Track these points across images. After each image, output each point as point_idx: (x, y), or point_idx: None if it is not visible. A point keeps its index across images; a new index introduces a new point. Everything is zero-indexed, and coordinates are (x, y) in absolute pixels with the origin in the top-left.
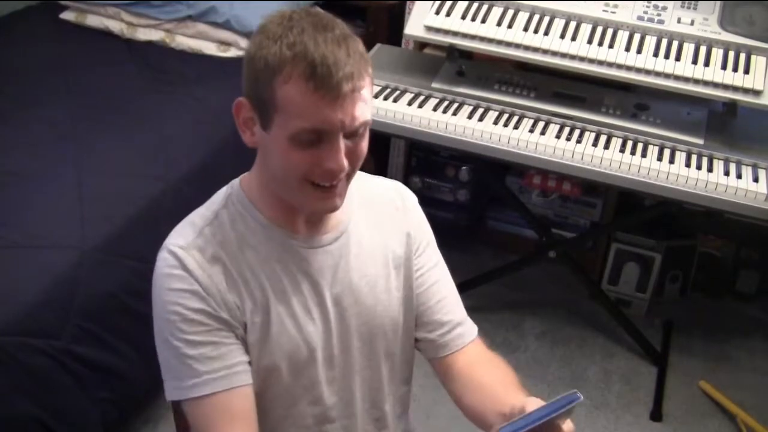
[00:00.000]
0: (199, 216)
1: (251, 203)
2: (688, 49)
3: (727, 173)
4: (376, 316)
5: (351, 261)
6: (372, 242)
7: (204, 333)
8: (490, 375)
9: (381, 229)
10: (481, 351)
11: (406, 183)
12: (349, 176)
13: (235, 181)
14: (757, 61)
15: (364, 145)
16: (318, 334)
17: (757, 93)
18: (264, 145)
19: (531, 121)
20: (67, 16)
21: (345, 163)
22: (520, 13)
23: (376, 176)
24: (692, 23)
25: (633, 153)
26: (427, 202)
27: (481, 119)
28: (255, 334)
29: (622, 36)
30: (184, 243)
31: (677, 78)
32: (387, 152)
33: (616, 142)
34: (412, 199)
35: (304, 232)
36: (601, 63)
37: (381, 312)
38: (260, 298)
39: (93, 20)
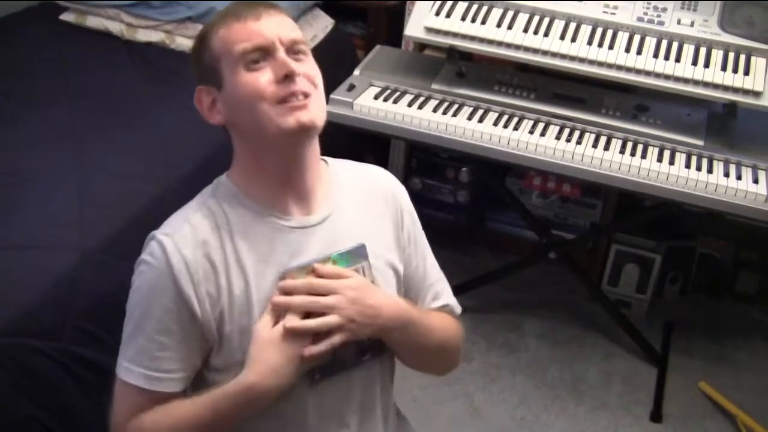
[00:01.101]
0: (188, 208)
1: (239, 191)
2: (688, 50)
3: (727, 174)
4: None
5: (340, 242)
6: (360, 225)
7: (159, 331)
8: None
9: (371, 212)
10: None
11: (406, 184)
12: (315, 96)
13: (221, 176)
14: (757, 62)
15: (313, 67)
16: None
17: (757, 94)
18: (228, 105)
19: (531, 123)
20: (66, 17)
21: (295, 67)
22: (520, 15)
23: (360, 164)
24: (692, 24)
25: (633, 154)
26: (427, 204)
27: (481, 120)
28: (233, 324)
29: (622, 37)
30: (170, 231)
31: (677, 79)
32: (387, 153)
33: (616, 144)
34: (401, 186)
35: (296, 212)
36: (600, 64)
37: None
38: (240, 284)
39: (93, 21)
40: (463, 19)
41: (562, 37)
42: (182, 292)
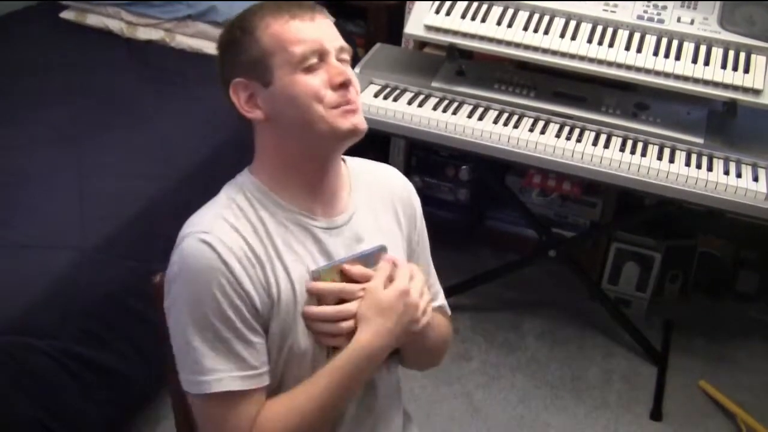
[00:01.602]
0: (214, 206)
1: (270, 190)
2: (688, 48)
3: (726, 172)
4: None
5: (361, 243)
6: (379, 225)
7: (232, 328)
8: None
9: (387, 212)
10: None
11: None
12: (356, 98)
13: (244, 173)
14: (757, 60)
15: (353, 73)
16: None
17: (757, 92)
18: (274, 102)
19: (531, 121)
20: (67, 15)
21: (350, 74)
22: (520, 13)
23: (379, 163)
24: (692, 22)
25: (633, 152)
26: (427, 202)
27: (480, 118)
28: (278, 322)
29: (622, 35)
30: (208, 228)
31: (677, 77)
32: (387, 152)
33: (616, 142)
34: (413, 187)
35: (321, 213)
36: (600, 62)
37: None
38: (285, 282)
39: (93, 19)
40: (463, 17)
41: (562, 35)
42: (243, 284)
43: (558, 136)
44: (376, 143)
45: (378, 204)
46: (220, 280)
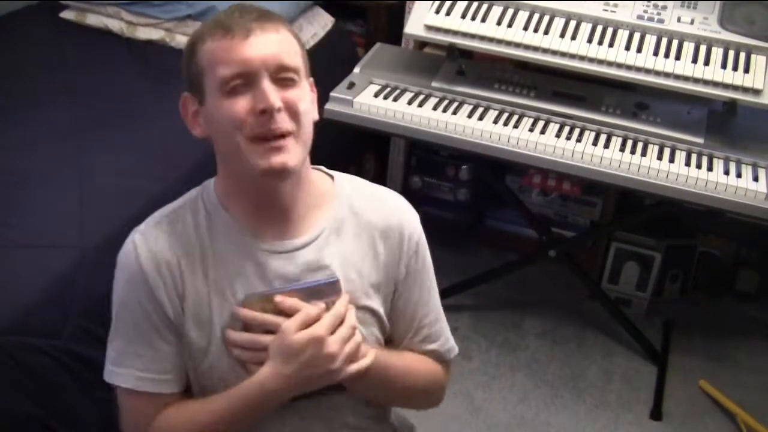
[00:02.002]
0: (168, 208)
1: (219, 203)
2: (688, 48)
3: (726, 172)
4: None
5: (316, 273)
6: (349, 254)
7: (138, 331)
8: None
9: (365, 242)
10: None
11: (406, 182)
12: (297, 135)
13: (210, 181)
14: (757, 60)
15: (301, 97)
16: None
17: (757, 92)
18: (208, 123)
19: (531, 120)
20: (66, 15)
21: (275, 100)
22: (520, 12)
23: (379, 186)
24: (692, 22)
25: (633, 152)
26: (427, 202)
27: (481, 118)
28: (191, 332)
29: (622, 35)
30: (143, 228)
31: (677, 77)
32: (387, 151)
33: (616, 142)
34: (413, 218)
35: (271, 236)
36: (600, 62)
37: None
38: (204, 302)
39: (93, 19)
40: (463, 17)
41: (562, 35)
42: (156, 294)
43: (558, 135)
44: (376, 143)
45: (356, 231)
46: (135, 282)
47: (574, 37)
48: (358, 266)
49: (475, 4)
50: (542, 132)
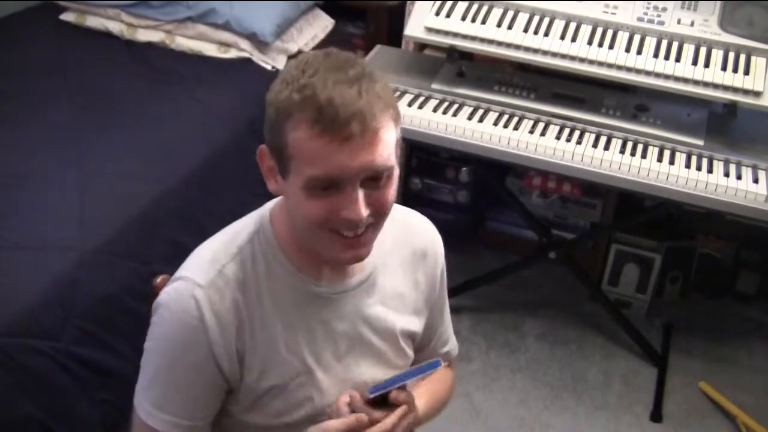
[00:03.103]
0: (222, 248)
1: (278, 245)
2: (688, 50)
3: (727, 174)
4: (385, 363)
5: (371, 308)
6: (395, 289)
7: (187, 384)
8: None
9: (409, 270)
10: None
11: (406, 184)
12: (376, 225)
13: (266, 214)
14: (757, 62)
15: (390, 192)
16: (329, 383)
17: (757, 94)
18: (285, 193)
19: (531, 122)
20: (67, 17)
21: (363, 212)
22: (520, 14)
23: (406, 210)
24: (692, 24)
25: (633, 154)
26: (427, 204)
27: (481, 120)
28: (259, 384)
29: (622, 37)
30: (204, 282)
31: (677, 79)
32: None
33: (616, 143)
34: (439, 238)
35: (329, 277)
36: (601, 64)
37: (391, 360)
38: (269, 348)
39: (93, 21)
40: (463, 18)
41: (562, 37)
42: (214, 350)
43: (558, 137)
44: None
45: (403, 262)
46: (192, 337)
47: (574, 39)
48: (404, 296)
49: (475, 6)
50: (542, 134)
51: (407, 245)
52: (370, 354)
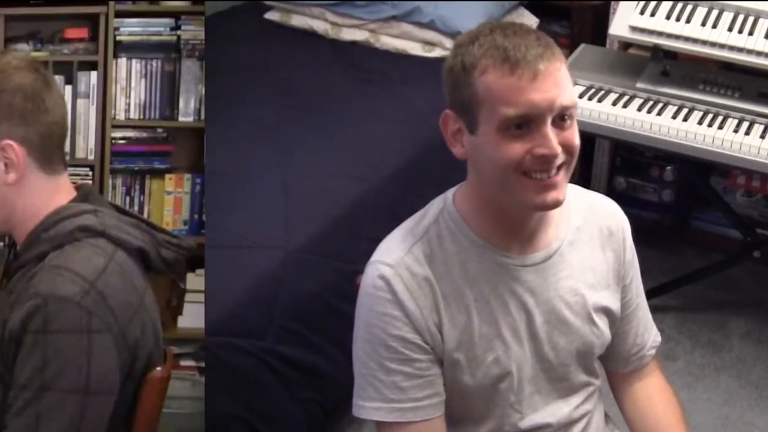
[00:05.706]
0: (408, 231)
1: (463, 220)
2: None
3: None
4: (579, 339)
5: (561, 281)
6: (584, 264)
7: (398, 361)
8: (664, 414)
9: (596, 246)
10: (658, 380)
11: (611, 183)
12: (568, 167)
13: (448, 195)
14: None
15: (575, 133)
16: (524, 357)
17: None
18: (474, 151)
19: (735, 122)
20: (271, 16)
21: (557, 147)
22: (725, 14)
23: (592, 192)
24: None
25: None
26: (631, 202)
27: (685, 119)
28: (453, 356)
29: None
30: (393, 261)
31: None
32: (592, 152)
33: None
34: (627, 221)
35: (517, 250)
36: None
37: (584, 335)
38: (464, 321)
39: (297, 20)
40: (668, 18)
41: (767, 36)
42: (414, 322)
43: (763, 137)
44: (581, 144)
45: (590, 238)
46: (392, 317)
47: None
48: (595, 270)
49: (679, 5)
50: (747, 133)
51: (594, 222)
52: (564, 328)
